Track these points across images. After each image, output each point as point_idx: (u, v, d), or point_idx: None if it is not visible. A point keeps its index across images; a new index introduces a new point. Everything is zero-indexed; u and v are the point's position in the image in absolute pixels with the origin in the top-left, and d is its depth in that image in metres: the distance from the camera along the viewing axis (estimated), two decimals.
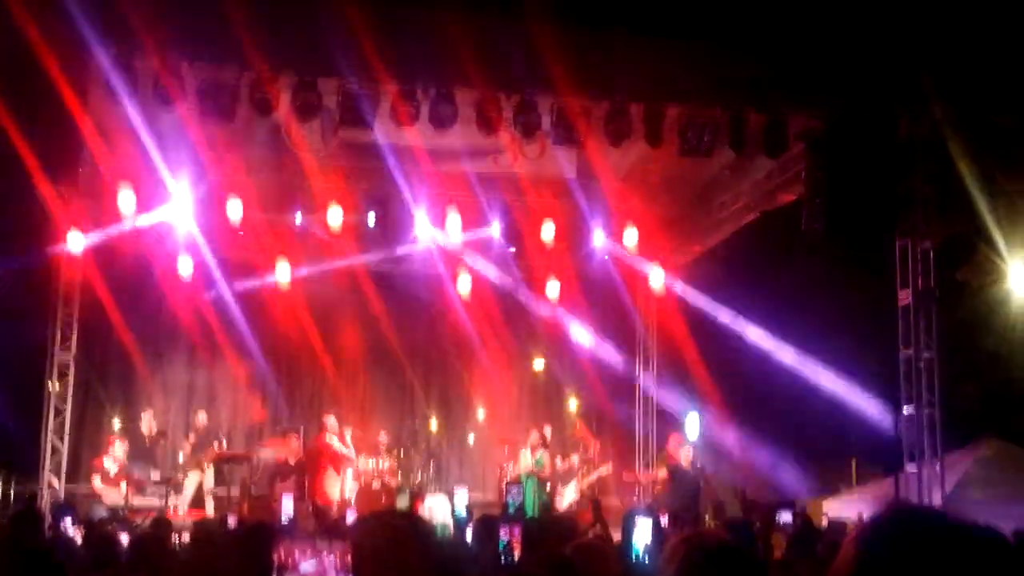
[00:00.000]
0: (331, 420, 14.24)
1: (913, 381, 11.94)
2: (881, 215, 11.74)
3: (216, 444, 14.53)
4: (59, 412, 15.04)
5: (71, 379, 15.15)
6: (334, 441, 13.95)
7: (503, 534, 7.12)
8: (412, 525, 2.96)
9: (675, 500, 13.66)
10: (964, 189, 11.42)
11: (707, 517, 13.48)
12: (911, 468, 11.96)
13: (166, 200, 13.51)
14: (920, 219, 11.83)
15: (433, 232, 14.31)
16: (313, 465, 13.93)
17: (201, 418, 14.79)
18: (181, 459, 14.56)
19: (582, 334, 16.32)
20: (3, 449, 14.05)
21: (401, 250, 14.85)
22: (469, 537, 8.44)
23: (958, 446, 13.50)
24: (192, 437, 14.61)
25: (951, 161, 11.21)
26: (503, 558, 6.87)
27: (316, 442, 14.17)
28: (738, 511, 15.78)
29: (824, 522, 13.68)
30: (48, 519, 9.07)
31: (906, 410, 12.03)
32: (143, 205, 13.41)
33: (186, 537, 8.90)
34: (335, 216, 13.69)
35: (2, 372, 13.51)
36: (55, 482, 14.69)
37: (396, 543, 2.72)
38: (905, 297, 12.09)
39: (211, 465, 14.39)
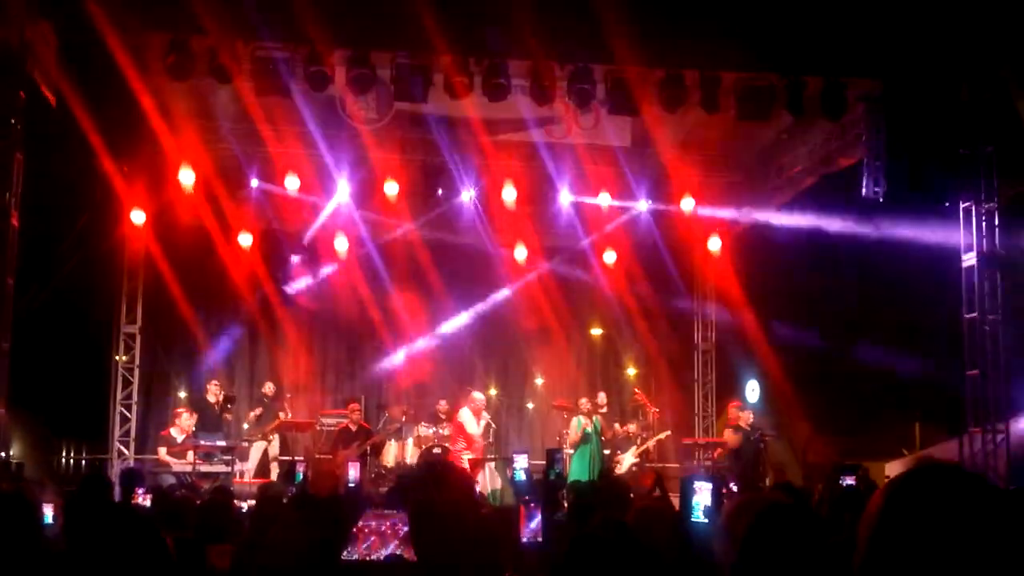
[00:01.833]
0: (477, 395, 14.39)
1: (977, 344, 11.80)
2: (943, 177, 11.56)
3: (282, 414, 14.82)
4: (127, 383, 15.42)
5: (137, 351, 15.51)
6: (466, 418, 14.02)
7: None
8: (468, 490, 3.04)
9: (736, 465, 13.69)
10: None
11: (767, 481, 13.50)
12: (975, 431, 11.85)
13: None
14: (983, 181, 11.61)
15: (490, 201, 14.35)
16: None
17: (268, 388, 15.06)
18: (246, 428, 14.85)
19: (640, 301, 16.28)
20: (74, 420, 14.45)
21: (457, 220, 14.90)
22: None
23: (1022, 410, 13.32)
24: (259, 407, 14.89)
25: (1016, 122, 10.96)
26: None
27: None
28: (800, 476, 15.79)
29: None
30: (117, 487, 9.30)
31: (970, 373, 11.90)
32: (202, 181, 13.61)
33: (251, 503, 9.10)
34: (391, 188, 13.76)
35: (72, 345, 13.87)
36: (124, 451, 15.08)
37: (449, 508, 2.79)
38: (969, 259, 11.92)
39: (276, 434, 14.67)
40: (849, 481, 10.25)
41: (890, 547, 1.59)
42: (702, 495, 7.08)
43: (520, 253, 15.66)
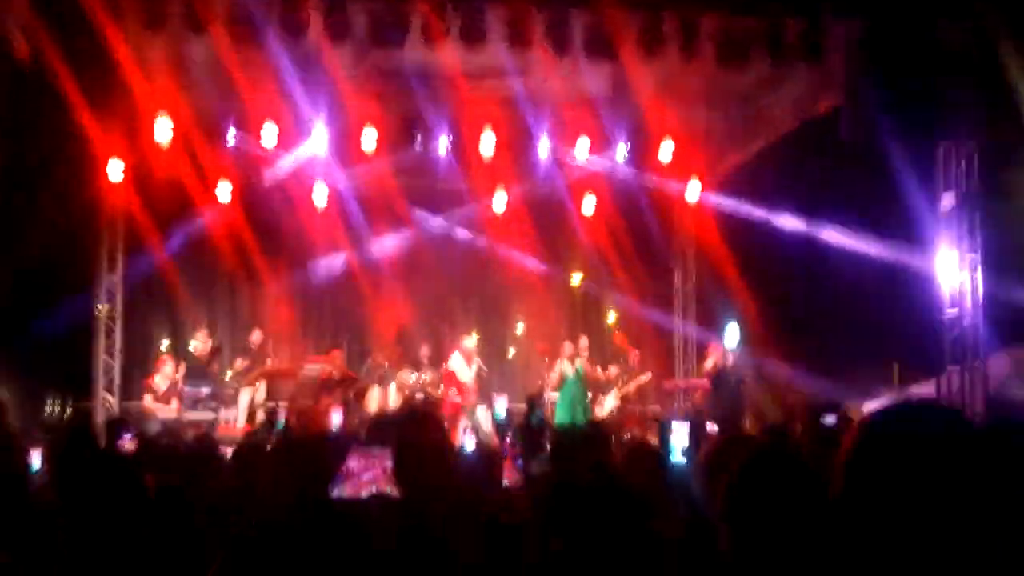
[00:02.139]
0: (467, 341, 14.44)
1: (956, 284, 11.93)
2: (923, 120, 11.58)
3: (268, 361, 14.91)
4: (109, 333, 15.46)
5: (119, 301, 15.53)
6: (457, 364, 14.12)
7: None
8: (441, 430, 3.12)
9: (716, 407, 13.87)
10: (1010, 95, 11.19)
11: (747, 423, 13.68)
12: (952, 369, 12.02)
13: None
14: (963, 124, 11.64)
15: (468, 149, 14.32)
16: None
17: (255, 336, 15.11)
18: (229, 376, 14.91)
19: (619, 246, 16.34)
20: (59, 370, 14.48)
21: (437, 170, 14.89)
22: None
23: (998, 348, 13.50)
24: (245, 355, 14.95)
25: (997, 66, 10.97)
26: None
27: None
28: (779, 416, 15.99)
29: None
30: (104, 435, 9.36)
31: (948, 311, 12.04)
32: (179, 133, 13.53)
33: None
34: (370, 138, 13.70)
35: (55, 296, 13.86)
36: (109, 399, 15.16)
37: (430, 446, 2.87)
38: (948, 200, 12.00)
39: (262, 381, 14.75)
40: (830, 420, 10.41)
41: (865, 481, 1.63)
42: (679, 436, 7.21)
43: (499, 200, 15.66)
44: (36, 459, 8.28)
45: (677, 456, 5.65)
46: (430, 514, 2.74)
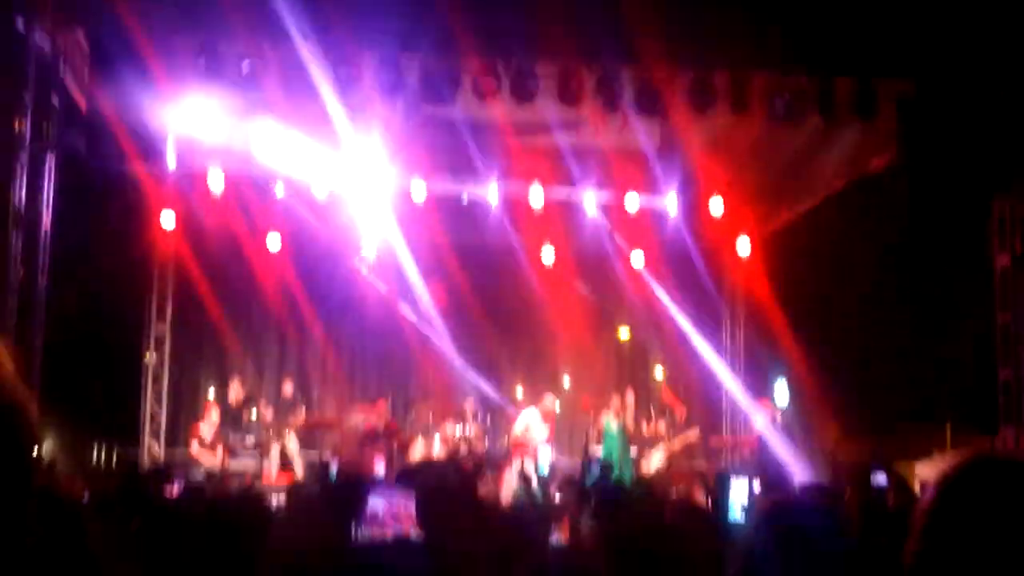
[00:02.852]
0: (548, 398, 14.40)
1: (1011, 345, 11.69)
2: (977, 178, 11.43)
3: (299, 411, 14.81)
4: (156, 380, 15.59)
5: (167, 350, 15.67)
6: (533, 421, 14.07)
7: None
8: (464, 475, 3.05)
9: (764, 465, 13.63)
10: None
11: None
12: (1008, 431, 11.75)
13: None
14: (1019, 182, 11.47)
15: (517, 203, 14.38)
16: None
17: (287, 388, 15.12)
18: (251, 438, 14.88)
19: (668, 302, 16.25)
20: (105, 419, 14.59)
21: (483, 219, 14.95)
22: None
23: None
24: (274, 405, 14.97)
25: None
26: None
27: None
28: (828, 476, 15.68)
29: (917, 485, 13.51)
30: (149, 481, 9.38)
31: (1002, 374, 11.80)
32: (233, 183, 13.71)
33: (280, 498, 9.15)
34: (418, 190, 13.79)
35: (104, 344, 14.01)
36: (155, 447, 15.24)
37: (449, 490, 2.80)
38: (1003, 260, 11.80)
39: (292, 432, 14.65)
40: (880, 479, 10.19)
41: (945, 539, 1.57)
42: (738, 492, 7.00)
43: (548, 253, 15.65)
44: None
45: (736, 514, 5.47)
46: (451, 560, 2.67)
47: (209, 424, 14.01)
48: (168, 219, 14.32)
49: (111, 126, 9.74)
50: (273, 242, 15.07)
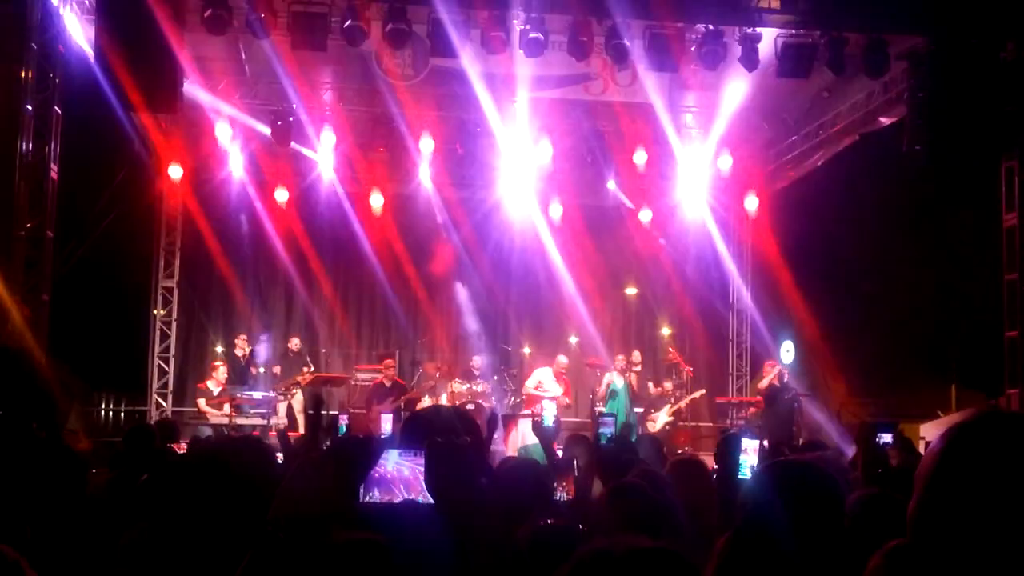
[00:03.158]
0: (562, 359, 14.43)
1: (1018, 305, 11.65)
2: (985, 137, 11.35)
3: (305, 369, 14.82)
4: (164, 337, 15.63)
5: (175, 305, 15.71)
6: (545, 378, 14.09)
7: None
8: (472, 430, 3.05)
9: (770, 424, 13.67)
10: None
11: (800, 441, 13.47)
12: (1012, 392, 11.73)
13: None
14: None
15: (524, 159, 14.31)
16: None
17: (294, 344, 15.15)
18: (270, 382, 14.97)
19: (675, 260, 16.22)
20: (112, 373, 14.65)
21: (493, 178, 14.92)
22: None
23: None
24: (283, 361, 15.01)
25: None
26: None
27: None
28: (834, 436, 15.71)
29: (922, 447, 13.55)
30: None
31: (1009, 334, 11.77)
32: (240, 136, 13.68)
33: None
34: (427, 144, 13.73)
35: (110, 299, 14.03)
36: (162, 403, 15.30)
37: (457, 451, 2.81)
38: (1010, 219, 11.74)
39: (300, 389, 14.71)
40: (886, 439, 10.22)
41: (949, 491, 1.57)
42: (750, 454, 7.01)
43: (556, 211, 15.62)
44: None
45: (745, 472, 5.45)
46: (459, 524, 2.67)
47: (216, 381, 14.05)
48: (176, 172, 14.28)
49: (119, 76, 9.69)
50: (281, 196, 15.02)
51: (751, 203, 15.42)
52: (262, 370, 14.93)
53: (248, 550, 2.40)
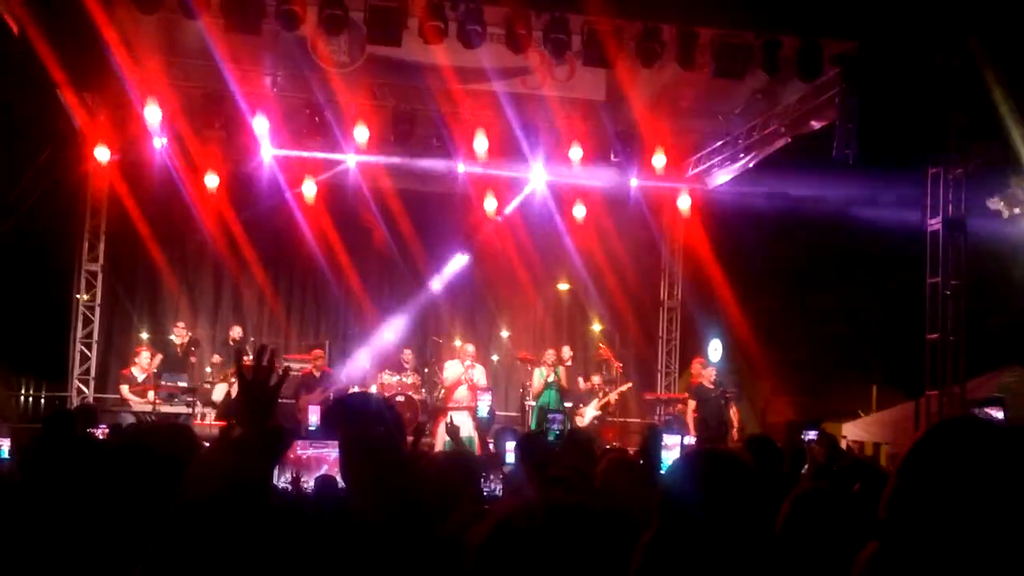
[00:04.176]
0: (468, 348, 14.30)
1: (939, 308, 11.88)
2: (914, 142, 11.57)
3: (246, 358, 14.62)
4: (87, 322, 15.30)
5: (99, 290, 15.38)
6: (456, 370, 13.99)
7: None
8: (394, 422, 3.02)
9: (697, 421, 13.82)
10: (998, 117, 11.21)
11: (732, 437, 13.65)
12: (932, 393, 11.96)
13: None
14: (953, 147, 11.65)
15: (461, 151, 14.26)
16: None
17: (235, 332, 14.97)
18: (209, 370, 14.78)
19: (608, 256, 16.28)
20: (34, 358, 14.32)
21: (427, 168, 14.83)
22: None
23: (980, 375, 13.52)
24: (223, 351, 14.81)
25: (986, 89, 10.99)
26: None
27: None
28: (760, 432, 15.93)
29: (844, 445, 13.81)
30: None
31: (930, 337, 12.00)
32: (168, 119, 13.40)
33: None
34: (361, 133, 13.59)
35: (33, 282, 13.71)
36: (84, 389, 14.98)
37: (373, 440, 2.77)
38: (934, 224, 11.98)
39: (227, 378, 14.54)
40: (811, 436, 10.41)
41: (927, 486, 1.61)
42: (672, 450, 7.10)
43: (490, 204, 15.60)
44: (5, 445, 8.17)
45: (668, 466, 5.52)
46: (374, 513, 2.62)
47: (140, 367, 13.80)
48: (103, 153, 13.95)
49: (44, 53, 9.43)
50: (211, 180, 14.74)
51: (683, 202, 15.54)
52: (209, 365, 14.75)
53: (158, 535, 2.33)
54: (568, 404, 14.47)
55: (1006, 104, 11.17)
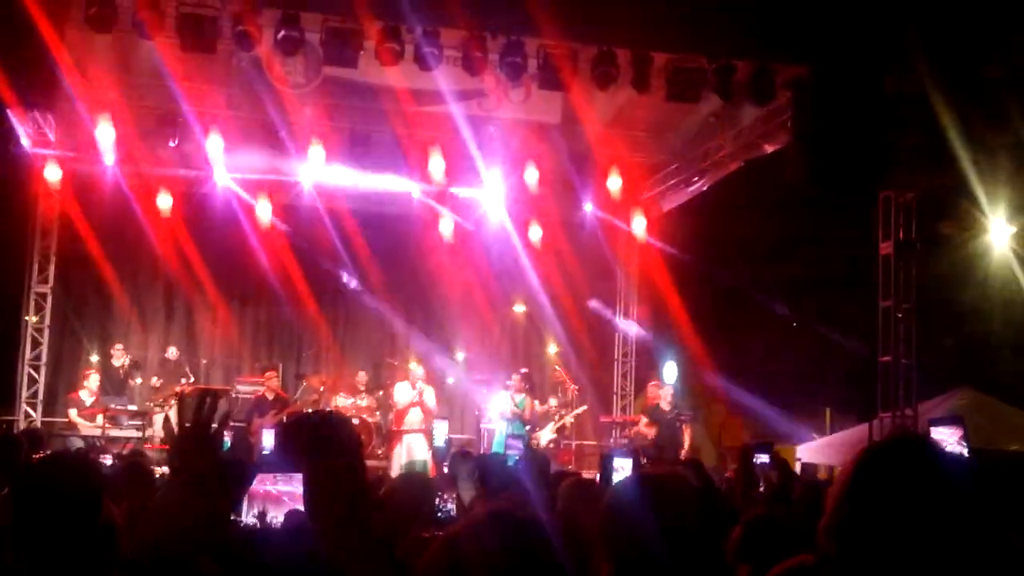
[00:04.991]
0: (419, 370, 14.08)
1: (891, 331, 12.02)
2: (865, 166, 11.71)
3: (184, 380, 14.45)
4: (36, 344, 15.05)
5: (48, 312, 15.14)
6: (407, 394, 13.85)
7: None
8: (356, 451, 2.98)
9: (652, 444, 13.83)
10: (947, 142, 11.41)
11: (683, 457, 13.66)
12: (884, 415, 12.08)
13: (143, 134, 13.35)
14: (904, 171, 11.81)
15: (416, 173, 14.25)
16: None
17: (171, 353, 14.78)
18: (149, 391, 14.56)
19: (564, 277, 16.30)
20: None
21: (384, 189, 14.80)
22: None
23: (932, 398, 13.68)
24: (161, 372, 14.61)
25: (935, 114, 11.18)
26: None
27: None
28: (714, 456, 16.01)
29: (797, 467, 13.90)
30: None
31: (883, 360, 12.12)
32: (121, 138, 13.25)
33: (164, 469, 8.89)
34: (317, 153, 13.53)
35: None
36: (31, 413, 14.72)
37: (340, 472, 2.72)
38: (886, 248, 12.13)
39: (176, 400, 14.32)
40: (763, 459, 10.43)
41: (866, 513, 1.62)
42: (622, 471, 7.11)
43: (446, 226, 15.57)
44: None
45: None
46: (335, 545, 2.57)
47: (89, 391, 13.59)
48: (53, 173, 13.76)
49: None
50: (163, 202, 14.57)
51: (638, 225, 15.61)
52: (139, 380, 14.52)
53: None
54: (526, 427, 14.45)
55: (955, 129, 11.38)
